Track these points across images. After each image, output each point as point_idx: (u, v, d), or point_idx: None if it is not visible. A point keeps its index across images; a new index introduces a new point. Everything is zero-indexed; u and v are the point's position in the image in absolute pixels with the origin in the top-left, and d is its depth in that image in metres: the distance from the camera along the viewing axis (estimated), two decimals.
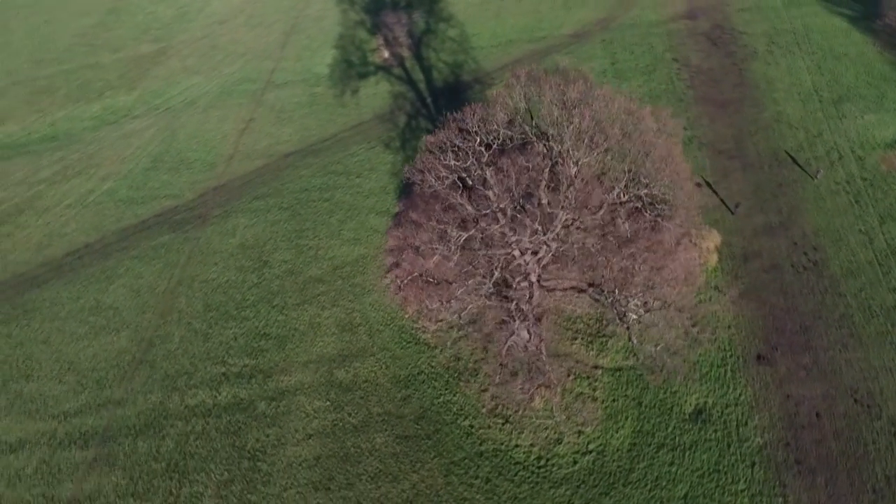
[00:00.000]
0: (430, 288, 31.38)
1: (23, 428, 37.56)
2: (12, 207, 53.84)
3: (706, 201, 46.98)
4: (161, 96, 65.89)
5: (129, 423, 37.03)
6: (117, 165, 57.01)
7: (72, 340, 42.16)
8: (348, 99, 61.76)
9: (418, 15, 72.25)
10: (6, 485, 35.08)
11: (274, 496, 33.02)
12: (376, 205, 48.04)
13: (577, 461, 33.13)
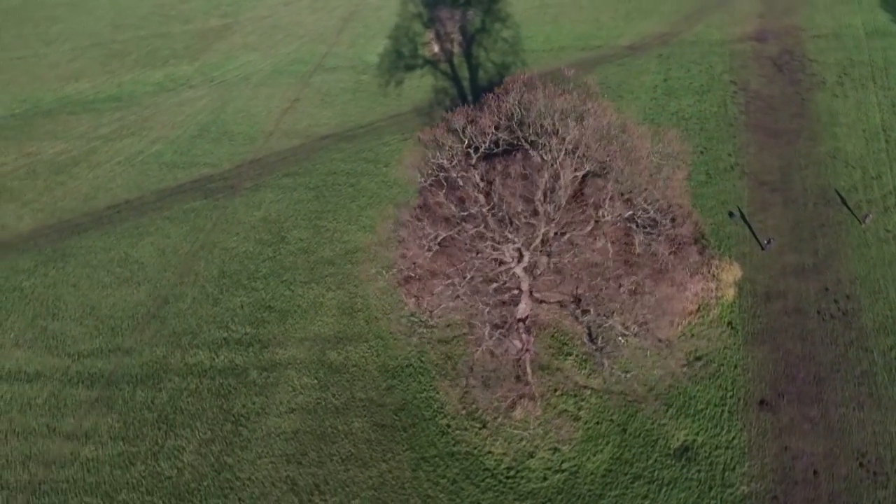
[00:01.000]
0: (422, 284, 31.46)
1: (41, 361, 40.53)
2: (69, 159, 57.96)
3: (737, 233, 44.65)
4: (219, 69, 69.02)
5: (133, 371, 39.23)
6: (168, 130, 60.23)
7: (97, 288, 45.05)
8: (391, 89, 62.56)
9: (473, 13, 72.15)
10: (18, 410, 38.00)
11: (248, 462, 34.15)
12: (398, 195, 48.47)
13: (547, 478, 32.41)
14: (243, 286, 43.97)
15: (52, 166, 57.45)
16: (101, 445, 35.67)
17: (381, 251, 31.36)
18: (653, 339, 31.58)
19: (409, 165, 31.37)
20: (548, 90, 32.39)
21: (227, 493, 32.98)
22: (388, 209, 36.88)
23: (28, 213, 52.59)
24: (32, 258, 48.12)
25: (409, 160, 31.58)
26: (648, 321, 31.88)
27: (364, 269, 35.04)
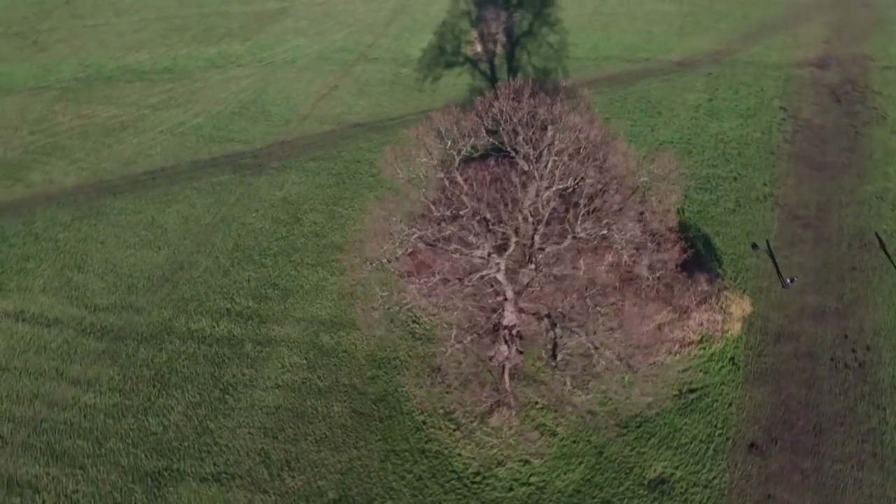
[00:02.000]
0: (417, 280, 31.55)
1: (61, 309, 43.30)
2: (118, 124, 61.41)
3: (758, 266, 42.55)
4: (268, 51, 71.33)
5: (139, 329, 41.32)
6: (211, 105, 62.82)
7: (122, 247, 47.64)
8: (427, 85, 62.93)
9: (520, 14, 71.49)
10: (34, 352, 40.75)
11: (228, 429, 35.39)
12: (412, 191, 48.86)
13: (513, 489, 32.01)
14: (253, 261, 45.44)
15: (103, 129, 61.03)
16: (99, 394, 37.80)
17: (365, 243, 31.72)
18: (624, 365, 30.50)
19: (390, 161, 31.54)
20: (534, 99, 31.69)
21: (203, 456, 34.30)
22: (370, 203, 37.10)
23: (74, 171, 56.13)
24: (70, 212, 51.36)
25: (391, 156, 31.73)
26: (631, 344, 30.82)
27: (349, 258, 35.49)
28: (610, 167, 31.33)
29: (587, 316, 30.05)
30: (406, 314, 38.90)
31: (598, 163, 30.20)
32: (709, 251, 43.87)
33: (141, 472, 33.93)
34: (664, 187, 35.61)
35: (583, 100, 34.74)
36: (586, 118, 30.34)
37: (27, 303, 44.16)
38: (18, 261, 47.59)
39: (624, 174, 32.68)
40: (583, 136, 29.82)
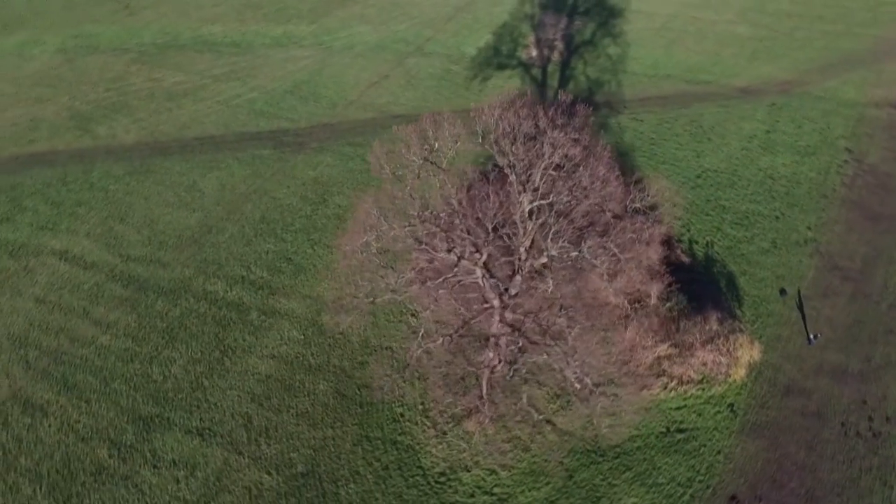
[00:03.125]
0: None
1: (99, 255, 46.81)
2: (181, 90, 65.26)
3: (781, 313, 40.11)
4: (330, 35, 73.54)
5: (161, 283, 44.06)
6: (267, 81, 65.60)
7: (162, 205, 50.83)
8: (476, 84, 62.95)
9: (580, 22, 70.01)
10: (68, 290, 44.34)
11: (220, 389, 37.26)
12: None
13: (475, 495, 31.96)
14: (275, 235, 47.32)
15: (167, 94, 65.06)
16: (115, 337, 40.71)
17: (350, 234, 32.40)
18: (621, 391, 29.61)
19: (378, 156, 31.92)
20: (519, 112, 31.02)
21: (192, 410, 36.31)
22: (361, 193, 37.57)
23: (135, 129, 60.24)
24: (124, 167, 55.27)
25: (379, 151, 32.09)
26: (607, 372, 29.95)
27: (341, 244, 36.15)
28: (588, 188, 30.32)
29: (553, 334, 29.45)
30: (404, 307, 39.42)
31: (572, 183, 29.33)
32: (731, 290, 41.70)
33: (136, 414, 36.35)
34: (653, 218, 34.12)
35: (579, 118, 33.76)
36: (570, 136, 29.42)
37: (72, 244, 48.05)
38: (72, 205, 51.77)
39: (604, 197, 31.49)
40: (562, 154, 28.88)
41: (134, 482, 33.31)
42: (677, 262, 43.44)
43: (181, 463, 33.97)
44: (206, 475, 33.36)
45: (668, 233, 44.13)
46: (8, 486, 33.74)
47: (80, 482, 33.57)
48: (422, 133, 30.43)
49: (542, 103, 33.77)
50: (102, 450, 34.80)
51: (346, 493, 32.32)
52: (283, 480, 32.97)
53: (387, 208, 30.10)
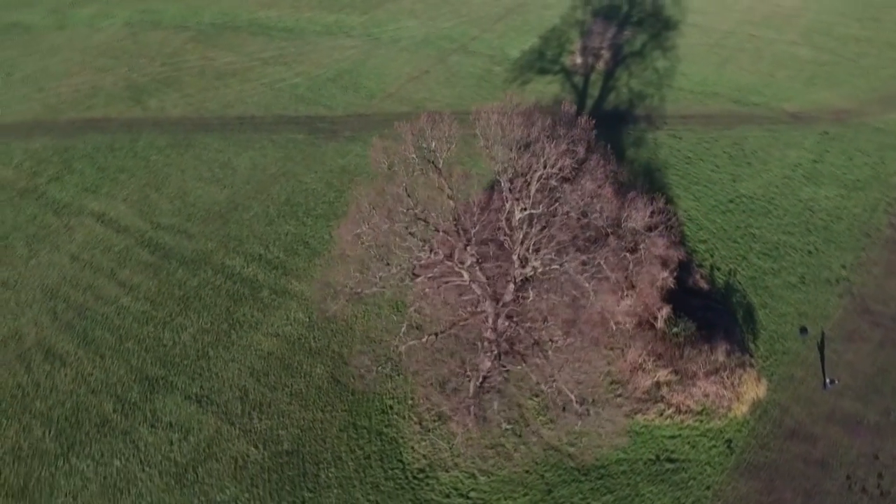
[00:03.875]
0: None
1: (132, 220, 49.37)
2: (230, 70, 67.70)
3: (797, 352, 38.21)
4: (379, 27, 74.50)
5: (184, 253, 46.03)
6: (311, 68, 67.19)
7: (196, 178, 53.01)
8: (514, 87, 62.43)
9: (630, 32, 68.24)
10: (101, 251, 46.99)
11: (223, 360, 38.68)
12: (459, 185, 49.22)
13: (450, 496, 32.04)
14: (297, 218, 48.56)
15: (217, 72, 67.63)
16: (135, 300, 42.86)
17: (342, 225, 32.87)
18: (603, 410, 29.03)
19: (377, 150, 32.10)
20: (514, 120, 30.39)
21: (195, 377, 37.86)
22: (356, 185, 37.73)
23: (182, 104, 62.94)
24: (167, 139, 57.89)
25: (378, 146, 32.25)
26: (592, 391, 29.32)
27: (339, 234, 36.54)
28: (577, 202, 29.54)
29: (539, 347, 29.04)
30: (403, 301, 39.72)
31: (558, 195, 28.65)
32: (748, 322, 39.95)
33: (143, 374, 38.22)
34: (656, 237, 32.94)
35: (578, 129, 32.92)
36: (560, 148, 28.68)
37: (109, 208, 50.80)
38: (115, 171, 54.68)
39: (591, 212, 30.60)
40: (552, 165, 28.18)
41: (132, 438, 35.07)
42: (694, 288, 42.01)
43: (177, 426, 35.51)
44: (198, 440, 34.75)
45: (686, 256, 42.78)
46: (22, 425, 36.16)
47: (84, 431, 35.62)
48: (419, 131, 30.51)
49: (542, 112, 33.12)
50: (108, 404, 36.78)
51: (326, 477, 33.00)
52: (268, 456, 33.97)
53: (378, 202, 30.43)
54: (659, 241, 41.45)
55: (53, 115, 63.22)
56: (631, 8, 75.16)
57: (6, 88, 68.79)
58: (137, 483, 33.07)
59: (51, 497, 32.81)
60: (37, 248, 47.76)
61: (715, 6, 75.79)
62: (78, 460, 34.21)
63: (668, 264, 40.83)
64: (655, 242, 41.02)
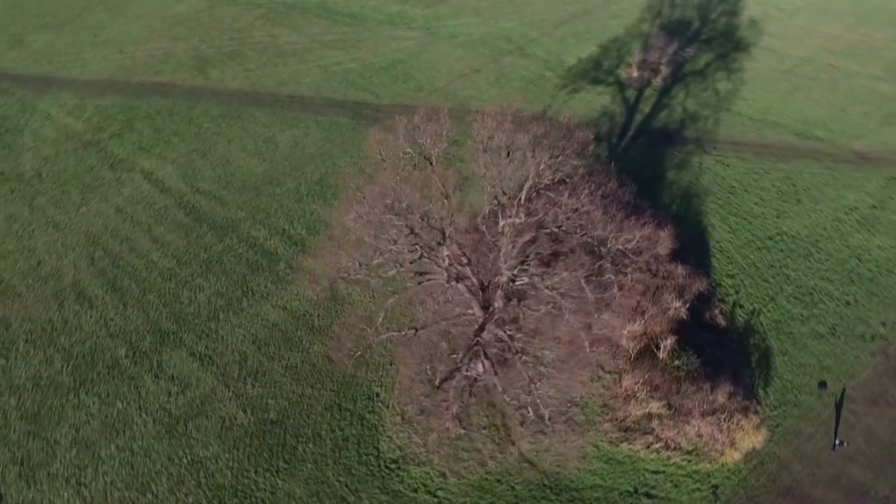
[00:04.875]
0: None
1: (175, 182, 52.29)
2: (291, 49, 70.12)
3: (809, 405, 35.81)
4: (439, 21, 74.96)
5: (215, 219, 48.35)
6: (366, 55, 68.53)
7: (240, 150, 55.44)
8: (562, 95, 61.35)
9: (692, 50, 65.31)
10: (143, 207, 50.03)
11: (230, 325, 40.48)
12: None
13: (417, 491, 32.27)
14: (324, 198, 49.89)
15: (278, 51, 70.23)
16: (164, 256, 45.48)
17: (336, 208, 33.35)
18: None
19: (376, 140, 32.19)
20: (501, 125, 29.53)
21: (202, 337, 39.84)
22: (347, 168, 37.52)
23: (241, 77, 65.84)
24: (221, 109, 60.79)
25: (376, 136, 32.33)
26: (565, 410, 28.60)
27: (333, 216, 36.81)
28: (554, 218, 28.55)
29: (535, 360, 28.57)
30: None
31: (532, 207, 27.76)
32: (761, 368, 37.72)
33: (157, 327, 40.58)
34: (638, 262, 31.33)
35: (574, 142, 31.76)
36: (543, 159, 27.73)
37: (158, 168, 54.01)
38: (170, 134, 58.00)
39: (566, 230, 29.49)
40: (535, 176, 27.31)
41: (136, 384, 37.38)
42: (711, 322, 40.05)
43: (178, 379, 37.53)
44: (194, 396, 36.59)
45: (708, 289, 40.85)
46: (45, 357, 39.29)
47: (96, 371, 38.28)
48: (413, 126, 30.59)
49: (541, 121, 32.36)
50: (122, 349, 39.32)
51: (303, 451, 33.97)
52: (254, 421, 35.33)
53: (368, 192, 30.80)
54: (678, 270, 39.84)
55: (126, 76, 67.70)
56: (702, 25, 71.99)
57: (92, 49, 74.21)
58: (133, 427, 35.25)
59: (57, 426, 35.52)
60: (88, 197, 51.50)
61: (795, 31, 71.39)
62: (86, 396, 36.83)
63: (684, 294, 39.20)
64: (674, 270, 39.44)
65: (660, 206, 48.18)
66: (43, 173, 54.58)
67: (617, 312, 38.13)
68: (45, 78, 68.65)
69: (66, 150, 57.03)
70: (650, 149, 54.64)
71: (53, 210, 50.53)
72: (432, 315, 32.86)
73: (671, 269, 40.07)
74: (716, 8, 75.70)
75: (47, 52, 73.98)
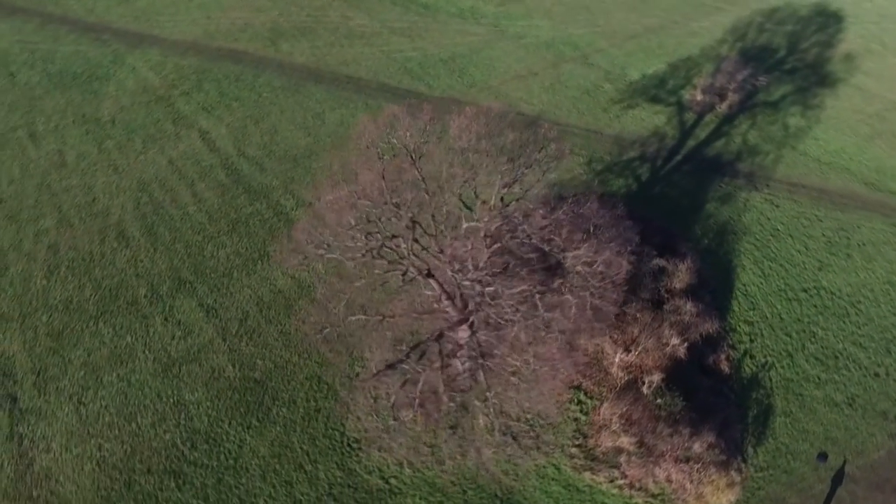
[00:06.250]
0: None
1: (223, 143, 55.51)
2: (360, 32, 72.10)
3: (801, 473, 33.38)
4: (509, 20, 74.44)
5: (252, 183, 51.06)
6: (430, 46, 69.29)
7: (289, 121, 58.02)
8: (615, 109, 59.44)
9: (765, 79, 61.04)
10: (192, 162, 53.63)
11: (241, 283, 42.85)
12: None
13: (371, 474, 33.08)
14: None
15: (348, 32, 72.49)
16: (198, 211, 48.67)
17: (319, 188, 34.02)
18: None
19: (364, 126, 32.38)
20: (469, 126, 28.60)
21: (213, 290, 42.46)
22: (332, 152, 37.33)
23: (308, 53, 68.61)
24: (282, 81, 63.75)
25: (364, 122, 32.49)
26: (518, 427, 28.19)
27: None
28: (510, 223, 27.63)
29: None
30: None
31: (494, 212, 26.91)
32: (757, 424, 35.40)
33: (177, 274, 43.67)
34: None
35: (548, 154, 30.45)
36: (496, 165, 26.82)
37: (214, 128, 57.60)
38: (231, 99, 61.54)
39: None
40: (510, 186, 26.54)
41: (147, 323, 40.51)
42: (713, 367, 37.96)
43: (183, 325, 40.30)
44: (193, 344, 39.20)
45: (719, 331, 38.71)
46: (79, 284, 43.33)
47: (117, 304, 41.81)
48: (394, 118, 30.76)
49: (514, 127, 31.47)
50: (143, 289, 42.67)
51: (276, 414, 35.64)
52: (239, 377, 37.41)
53: (349, 177, 31.39)
54: (688, 306, 38.08)
55: (208, 40, 72.32)
56: (789, 54, 67.20)
57: (186, 11, 79.59)
58: (135, 360, 38.32)
59: (74, 347, 39.24)
60: (148, 147, 55.85)
61: (895, 72, 65.13)
62: (103, 326, 40.39)
63: (688, 332, 37.43)
64: (682, 306, 37.75)
65: (690, 238, 46.01)
66: (116, 120, 59.64)
67: (613, 339, 37.07)
68: (140, 34, 74.62)
69: (140, 102, 61.97)
70: (695, 176, 52.02)
71: (117, 154, 55.24)
72: (408, 306, 33.25)
73: (679, 304, 38.36)
74: (809, 37, 70.41)
75: (148, 10, 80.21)
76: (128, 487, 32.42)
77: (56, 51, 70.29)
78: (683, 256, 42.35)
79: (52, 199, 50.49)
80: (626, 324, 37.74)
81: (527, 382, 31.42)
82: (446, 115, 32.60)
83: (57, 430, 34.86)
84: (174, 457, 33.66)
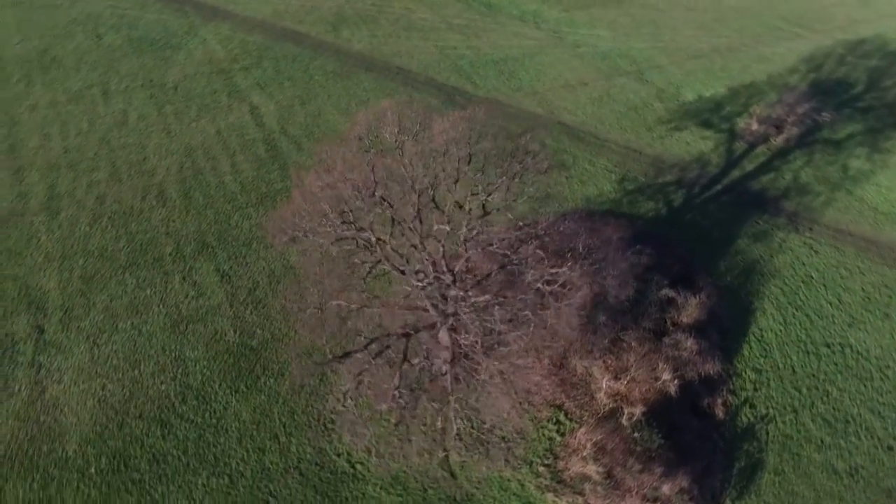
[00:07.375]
0: None
1: (267, 121, 57.95)
2: (419, 25, 73.04)
3: None
4: (570, 27, 73.16)
5: (286, 160, 53.08)
6: (485, 46, 69.27)
7: (333, 105, 59.79)
8: (660, 130, 57.38)
9: (829, 114, 56.97)
10: (237, 135, 56.40)
11: (258, 255, 44.80)
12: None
13: (339, 456, 34.13)
14: None
15: (407, 23, 73.64)
16: (233, 181, 51.16)
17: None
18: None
19: (359, 120, 32.59)
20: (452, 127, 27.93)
21: (232, 257, 44.65)
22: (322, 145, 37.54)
23: (366, 41, 70.30)
24: (335, 66, 65.72)
25: (360, 117, 32.66)
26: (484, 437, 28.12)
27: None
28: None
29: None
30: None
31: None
32: (742, 478, 33.59)
33: (202, 238, 46.24)
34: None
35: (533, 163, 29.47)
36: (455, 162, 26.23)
37: (263, 104, 60.26)
38: (285, 78, 64.09)
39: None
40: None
41: (167, 280, 43.23)
42: (706, 410, 36.29)
43: (198, 286, 42.73)
44: (203, 304, 41.51)
45: (720, 374, 36.98)
46: (115, 235, 46.71)
47: (144, 259, 44.83)
48: (381, 114, 30.96)
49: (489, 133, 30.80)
50: (169, 247, 45.51)
51: (264, 383, 37.25)
52: (237, 343, 39.32)
53: (335, 165, 31.95)
54: (689, 342, 36.69)
55: (275, 20, 75.48)
56: (866, 90, 62.52)
57: None
58: (150, 313, 41.05)
59: (100, 292, 42.46)
60: (201, 115, 59.18)
61: None
62: (128, 276, 43.45)
63: (684, 369, 36.04)
64: (683, 342, 36.42)
65: (713, 272, 44.04)
66: (179, 87, 63.49)
67: (606, 364, 36.26)
68: (216, 8, 78.80)
69: (202, 72, 65.64)
70: (732, 209, 49.55)
71: (172, 119, 58.88)
72: (390, 299, 33.76)
73: (680, 339, 36.99)
74: (894, 75, 65.13)
75: None
76: (119, 428, 34.94)
77: (141, 17, 75.47)
78: (698, 290, 40.64)
79: (110, 153, 54.56)
80: (622, 350, 36.75)
81: (503, 393, 31.31)
82: (434, 116, 32.66)
83: (70, 365, 37.98)
84: (165, 407, 35.93)
